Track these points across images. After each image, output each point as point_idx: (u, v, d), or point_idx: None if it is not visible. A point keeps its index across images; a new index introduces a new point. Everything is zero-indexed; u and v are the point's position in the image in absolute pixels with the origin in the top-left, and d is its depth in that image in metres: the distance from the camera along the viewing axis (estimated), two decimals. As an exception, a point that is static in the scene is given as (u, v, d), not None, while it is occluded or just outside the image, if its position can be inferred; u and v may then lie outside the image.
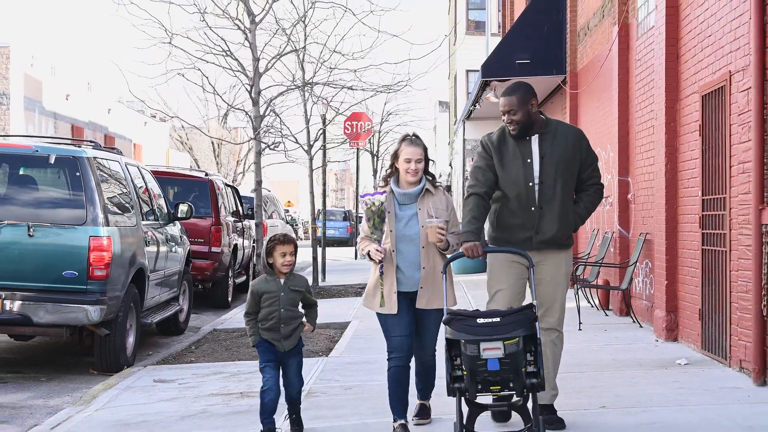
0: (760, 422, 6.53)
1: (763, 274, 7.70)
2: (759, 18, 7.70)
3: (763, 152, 7.70)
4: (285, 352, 6.71)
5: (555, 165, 6.51)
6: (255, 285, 6.77)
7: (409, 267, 6.54)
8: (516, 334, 5.60)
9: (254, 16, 11.83)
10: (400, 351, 6.54)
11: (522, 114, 6.48)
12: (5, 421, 8.20)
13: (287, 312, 6.68)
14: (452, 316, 5.80)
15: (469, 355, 5.63)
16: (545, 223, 6.52)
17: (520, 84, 6.67)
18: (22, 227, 9.62)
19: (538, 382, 5.73)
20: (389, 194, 6.63)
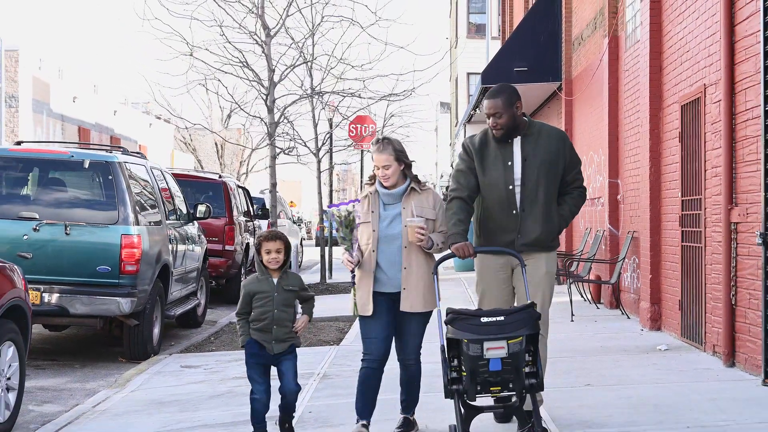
0: (724, 396, 7.41)
1: (731, 267, 8.59)
2: (728, 38, 8.59)
3: (731, 158, 8.59)
4: (275, 356, 6.54)
5: (538, 167, 6.42)
6: (247, 285, 6.61)
7: (391, 267, 6.42)
8: (520, 333, 5.54)
9: (269, 29, 12.72)
10: (372, 354, 6.46)
11: (507, 117, 6.39)
12: (49, 401, 9.08)
13: (281, 313, 6.49)
14: (455, 316, 5.67)
15: (471, 355, 5.54)
16: (527, 226, 6.44)
17: (504, 86, 6.56)
18: (60, 226, 10.51)
19: (537, 382, 5.69)
20: (373, 193, 6.53)
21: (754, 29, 7.98)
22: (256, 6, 12.78)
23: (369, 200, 6.54)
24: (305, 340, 11.90)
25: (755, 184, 7.97)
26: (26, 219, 10.49)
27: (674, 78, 10.67)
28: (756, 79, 7.93)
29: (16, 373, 7.76)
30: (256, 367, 6.56)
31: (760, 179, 7.84)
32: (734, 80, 8.56)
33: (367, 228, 6.48)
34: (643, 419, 6.72)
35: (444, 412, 6.83)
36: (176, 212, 13.07)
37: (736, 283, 8.50)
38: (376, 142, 6.53)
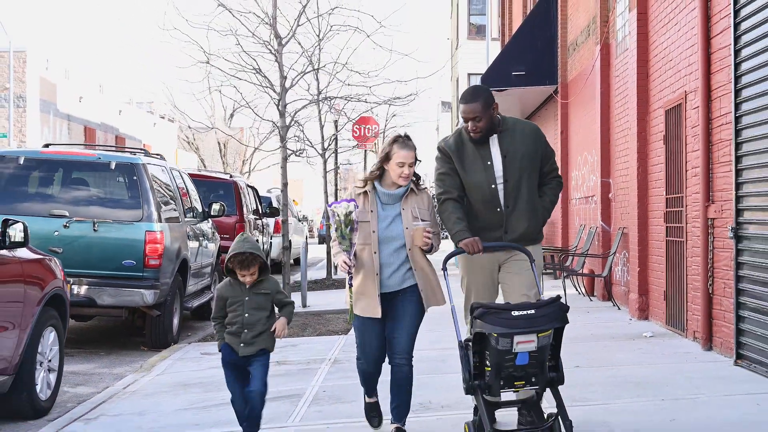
0: (698, 374, 8.20)
1: (709, 259, 9.38)
2: (705, 49, 9.37)
3: (708, 159, 9.38)
4: (245, 357, 6.46)
5: (519, 162, 6.38)
6: (220, 290, 6.53)
7: (387, 268, 6.36)
8: (551, 326, 5.50)
9: (281, 38, 13.52)
10: (371, 356, 6.52)
11: (486, 120, 6.31)
12: (82, 383, 9.86)
13: (252, 316, 6.40)
14: (486, 310, 5.56)
15: (500, 350, 5.46)
16: (513, 222, 6.41)
17: (479, 89, 6.48)
18: (88, 223, 11.29)
19: (558, 375, 5.72)
20: (371, 191, 6.44)
21: (727, 43, 8.76)
22: (268, 16, 13.56)
23: (366, 199, 6.42)
24: (315, 331, 12.74)
25: (728, 183, 8.76)
26: (57, 216, 11.27)
27: (659, 84, 11.46)
28: (728, 88, 8.72)
29: (56, 356, 8.56)
30: (231, 372, 6.54)
31: (732, 178, 8.63)
32: (711, 88, 9.35)
33: (365, 227, 6.36)
34: (624, 393, 7.52)
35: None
36: (192, 210, 13.86)
37: (713, 274, 9.29)
38: (399, 137, 6.41)
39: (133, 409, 8.28)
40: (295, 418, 7.48)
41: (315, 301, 16.15)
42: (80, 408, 8.41)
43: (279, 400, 8.16)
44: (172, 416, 7.99)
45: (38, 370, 8.12)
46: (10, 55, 47.63)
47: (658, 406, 7.03)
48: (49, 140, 49.26)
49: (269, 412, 7.68)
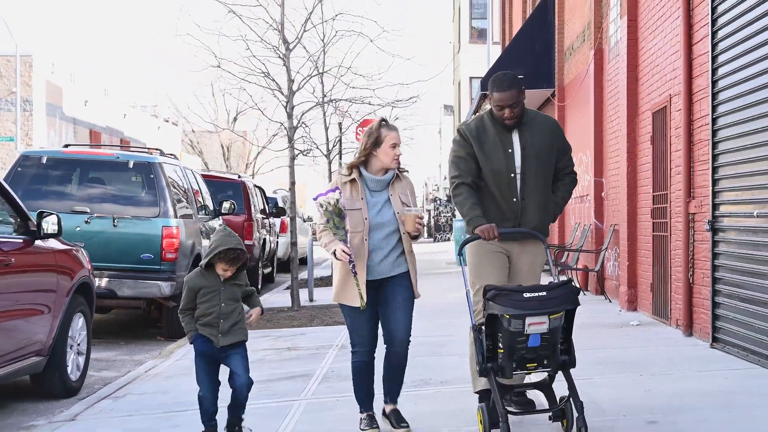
0: (676, 356, 8.91)
1: (690, 251, 10.07)
2: (687, 55, 10.06)
3: (689, 158, 10.06)
4: (222, 349, 6.34)
5: (536, 155, 6.37)
6: (191, 280, 6.39)
7: (377, 254, 6.33)
8: (562, 308, 5.57)
9: (288, 43, 14.23)
10: (364, 345, 6.45)
11: (521, 107, 6.36)
12: (105, 368, 10.55)
13: (228, 306, 6.30)
14: (498, 291, 5.66)
15: (512, 331, 5.54)
16: (527, 214, 6.38)
17: (512, 76, 6.48)
18: (108, 219, 11.99)
19: (570, 359, 5.79)
20: (359, 179, 6.39)
21: (706, 50, 9.46)
22: (276, 22, 14.27)
23: (354, 187, 6.38)
24: (322, 321, 13.42)
25: (707, 180, 9.45)
26: (79, 213, 11.96)
27: (647, 88, 12.15)
28: (707, 92, 9.41)
29: (84, 341, 9.25)
30: (204, 365, 6.39)
31: (709, 175, 9.32)
32: (692, 92, 10.03)
33: (356, 215, 6.30)
34: (607, 371, 8.21)
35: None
36: (204, 208, 14.55)
37: (694, 265, 9.98)
38: (386, 121, 6.44)
39: (156, 389, 8.96)
40: (308, 392, 8.17)
41: (320, 296, 16.83)
42: (107, 388, 9.09)
43: (293, 379, 8.86)
44: (192, 394, 8.59)
45: (69, 352, 8.80)
46: (17, 60, 48.34)
47: (636, 380, 7.72)
48: (54, 144, 50.00)
49: (284, 389, 8.43)
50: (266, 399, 8.01)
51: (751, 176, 8.38)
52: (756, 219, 8.25)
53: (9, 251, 7.68)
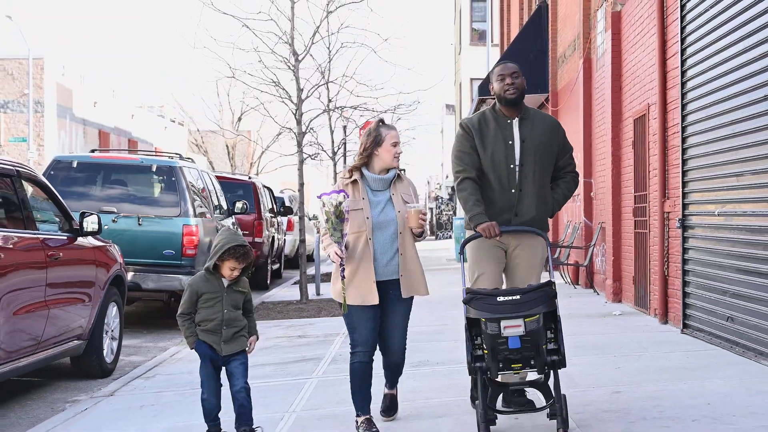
0: (649, 340, 9.92)
1: (665, 246, 11.09)
2: (662, 68, 11.08)
3: (664, 161, 11.08)
4: (225, 357, 6.31)
5: (534, 149, 6.43)
6: (194, 284, 6.31)
7: (383, 254, 6.35)
8: (536, 311, 5.58)
9: (297, 55, 15.28)
10: (365, 345, 6.41)
11: (522, 80, 6.49)
12: (133, 354, 11.58)
13: (230, 313, 6.26)
14: (472, 295, 5.73)
15: (490, 334, 5.60)
16: (524, 205, 6.42)
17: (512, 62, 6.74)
18: (133, 218, 13.02)
19: (560, 359, 5.77)
20: (360, 179, 6.44)
21: (677, 64, 10.48)
22: (286, 35, 15.31)
23: (356, 188, 6.42)
24: (329, 313, 14.45)
25: (678, 182, 10.47)
26: (106, 213, 12.99)
27: (629, 97, 13.17)
28: (678, 103, 10.43)
29: (117, 328, 10.29)
30: (207, 369, 6.32)
31: (680, 178, 10.34)
32: (666, 102, 11.05)
33: (358, 215, 6.33)
34: (584, 353, 9.22)
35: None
36: (219, 208, 15.59)
37: (668, 259, 11.00)
38: (381, 122, 6.56)
39: (182, 370, 9.97)
40: (318, 372, 9.21)
41: (327, 291, 17.87)
42: (137, 370, 10.12)
43: (305, 361, 9.90)
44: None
45: (104, 338, 9.84)
46: (30, 62, 49.38)
47: (609, 360, 8.76)
48: (65, 144, 51.09)
49: (298, 369, 9.45)
50: (282, 378, 9.06)
51: (713, 179, 9.42)
52: (717, 217, 9.28)
53: (56, 247, 8.71)
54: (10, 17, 49.55)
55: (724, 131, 9.08)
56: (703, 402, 6.67)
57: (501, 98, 6.47)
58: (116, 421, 7.68)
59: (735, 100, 8.75)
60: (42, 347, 8.36)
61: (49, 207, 9.19)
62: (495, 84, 6.48)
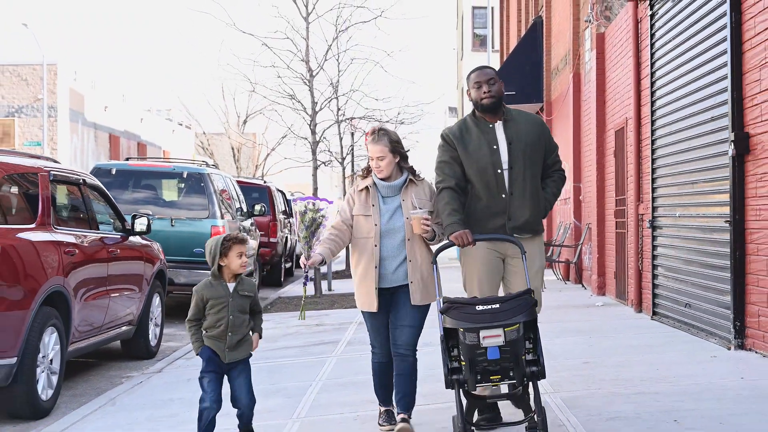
0: (622, 325, 11.44)
1: (639, 244, 12.60)
2: (636, 87, 12.57)
3: (639, 169, 12.59)
4: (228, 364, 6.18)
5: (523, 150, 6.32)
6: (200, 290, 6.20)
7: (392, 261, 6.32)
8: (516, 320, 5.42)
9: (312, 71, 16.81)
10: (381, 347, 6.54)
11: (499, 87, 6.34)
12: (169, 340, 13.07)
13: (236, 318, 6.15)
14: (450, 305, 5.59)
15: (469, 344, 5.44)
16: (517, 209, 6.31)
17: (490, 67, 6.63)
18: (167, 220, 14.53)
19: (539, 369, 5.58)
20: (372, 186, 6.42)
21: (648, 85, 11.98)
22: (301, 53, 16.85)
23: (367, 193, 6.42)
24: (341, 306, 15.95)
25: (650, 187, 11.98)
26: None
27: (611, 110, 14.68)
28: (649, 119, 11.94)
29: (159, 316, 11.80)
30: (209, 376, 6.15)
31: (650, 184, 11.85)
32: (640, 117, 12.55)
33: (367, 221, 6.35)
34: (564, 335, 10.72)
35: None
36: (240, 210, 17.10)
37: (642, 256, 12.50)
38: (372, 132, 6.42)
39: (217, 353, 11.49)
40: (337, 352, 10.71)
41: (338, 286, 19.43)
42: (177, 353, 11.61)
43: (324, 344, 11.40)
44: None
45: (150, 324, 11.35)
46: (44, 68, 50.86)
47: (585, 340, 10.27)
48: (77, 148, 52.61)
49: (319, 350, 10.94)
50: (306, 357, 10.56)
51: (675, 186, 10.93)
52: (678, 218, 10.80)
53: (113, 244, 10.22)
54: (25, 25, 50.96)
55: (683, 145, 10.58)
56: (653, 368, 8.18)
57: (478, 105, 6.39)
58: (168, 390, 9.16)
59: (690, 119, 10.25)
60: (104, 330, 9.87)
61: (105, 210, 10.69)
62: (472, 91, 6.39)
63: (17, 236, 7.89)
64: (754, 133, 8.44)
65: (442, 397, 7.33)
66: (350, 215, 6.45)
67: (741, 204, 8.69)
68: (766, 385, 7.18)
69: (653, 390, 7.24)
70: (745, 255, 8.67)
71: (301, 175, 65.74)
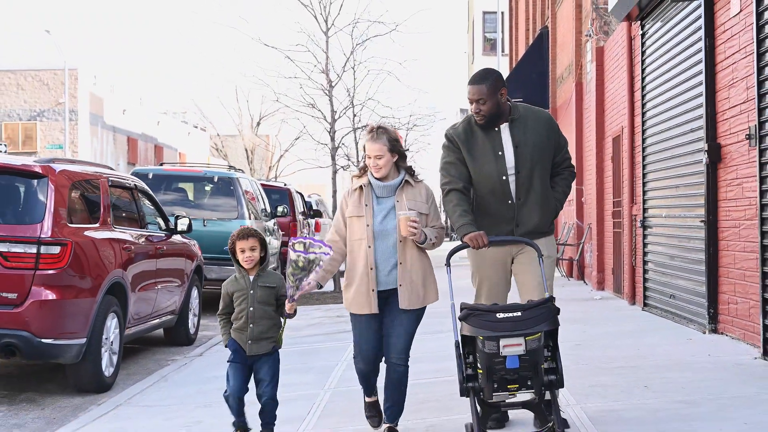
0: (615, 315, 12.66)
1: (632, 242, 13.82)
2: (630, 98, 13.79)
3: (632, 174, 13.80)
4: (251, 357, 6.22)
5: (531, 153, 6.11)
6: (225, 285, 6.37)
7: (385, 263, 6.12)
8: (539, 329, 5.31)
9: (331, 81, 18.09)
10: (364, 353, 6.30)
11: (491, 104, 6.05)
12: (204, 329, 14.31)
13: (258, 310, 6.19)
14: (469, 311, 5.42)
15: (487, 353, 5.28)
16: (525, 215, 6.15)
17: (490, 71, 6.23)
18: (199, 220, 15.77)
19: (557, 378, 5.47)
20: (366, 186, 6.19)
21: (639, 97, 13.21)
22: (321, 64, 18.13)
23: (361, 193, 6.22)
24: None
25: (641, 190, 13.20)
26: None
27: (609, 119, 15.90)
28: (640, 128, 13.16)
29: (197, 307, 13.06)
30: (234, 366, 6.26)
31: (641, 188, 13.08)
32: (634, 126, 13.77)
33: (360, 222, 6.17)
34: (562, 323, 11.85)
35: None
36: (264, 211, 18.37)
37: (635, 252, 13.72)
38: (370, 130, 6.21)
39: (249, 340, 12.75)
40: (359, 338, 11.95)
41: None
42: (213, 340, 12.88)
43: (344, 332, 12.55)
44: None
45: (189, 314, 12.61)
46: (66, 73, 52.22)
47: (579, 328, 11.48)
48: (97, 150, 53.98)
49: (341, 336, 12.12)
50: (330, 342, 11.81)
51: (662, 189, 12.16)
52: (664, 218, 12.04)
53: (159, 242, 11.48)
54: (48, 32, 52.31)
55: (668, 153, 11.81)
56: (635, 349, 9.42)
57: (473, 118, 6.24)
58: (212, 369, 10.40)
59: (674, 130, 11.49)
60: (152, 317, 11.14)
61: (151, 211, 11.96)
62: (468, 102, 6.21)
63: (85, 234, 9.16)
64: (724, 144, 9.66)
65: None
66: (344, 223, 6.30)
67: (714, 206, 9.91)
68: (727, 360, 8.42)
69: (631, 365, 8.48)
70: (718, 251, 9.89)
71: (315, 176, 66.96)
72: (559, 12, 21.99)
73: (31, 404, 8.84)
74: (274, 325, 6.27)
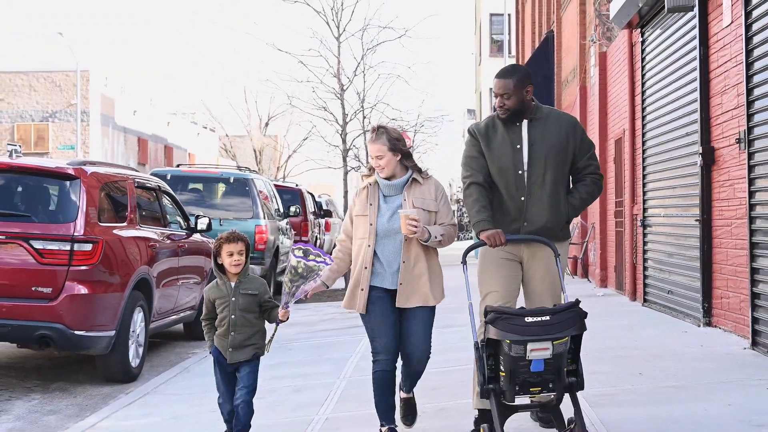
0: (616, 310, 13.20)
1: (633, 240, 14.36)
2: (631, 102, 14.34)
3: (633, 175, 14.35)
4: (232, 364, 6.21)
5: (545, 152, 6.06)
6: (207, 291, 6.32)
7: (392, 262, 6.09)
8: (567, 333, 5.28)
9: (343, 85, 18.67)
10: (388, 353, 6.14)
11: (516, 100, 6.04)
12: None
13: (239, 318, 6.15)
14: (497, 315, 5.34)
15: (513, 356, 5.24)
16: (533, 213, 6.07)
17: (517, 67, 6.26)
18: (216, 220, 16.30)
19: (578, 381, 5.49)
20: (373, 185, 6.20)
21: (640, 102, 13.75)
22: (333, 68, 18.71)
23: (368, 192, 6.22)
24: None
25: (641, 191, 13.74)
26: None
27: (612, 122, 16.44)
28: (640, 132, 13.71)
29: (215, 302, 13.62)
30: (218, 375, 6.29)
31: (641, 188, 13.63)
32: (634, 129, 14.31)
33: (364, 221, 6.17)
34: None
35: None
36: (278, 211, 18.94)
37: (636, 251, 14.26)
38: (372, 130, 6.19)
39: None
40: (371, 332, 12.51)
41: (365, 281, 21.19)
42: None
43: (356, 327, 13.09)
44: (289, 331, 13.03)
45: (208, 309, 13.17)
46: (77, 75, 52.86)
47: (582, 321, 12.03)
48: (108, 151, 54.64)
49: (353, 331, 12.68)
50: (344, 336, 12.37)
51: (659, 190, 12.71)
52: (662, 218, 12.58)
53: (180, 240, 12.06)
54: (61, 34, 52.94)
55: (665, 155, 12.35)
56: (632, 341, 9.98)
57: (497, 114, 6.22)
58: (231, 362, 11.00)
59: (671, 134, 12.03)
60: (174, 312, 11.71)
61: (173, 211, 12.53)
62: (494, 96, 6.19)
63: (114, 232, 9.74)
64: (717, 147, 10.20)
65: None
66: (351, 224, 6.30)
67: (708, 206, 10.46)
68: (718, 350, 8.97)
69: (628, 355, 9.04)
70: (712, 248, 10.43)
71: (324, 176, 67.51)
72: (564, 17, 22.53)
73: (64, 393, 9.42)
74: (256, 332, 6.24)
